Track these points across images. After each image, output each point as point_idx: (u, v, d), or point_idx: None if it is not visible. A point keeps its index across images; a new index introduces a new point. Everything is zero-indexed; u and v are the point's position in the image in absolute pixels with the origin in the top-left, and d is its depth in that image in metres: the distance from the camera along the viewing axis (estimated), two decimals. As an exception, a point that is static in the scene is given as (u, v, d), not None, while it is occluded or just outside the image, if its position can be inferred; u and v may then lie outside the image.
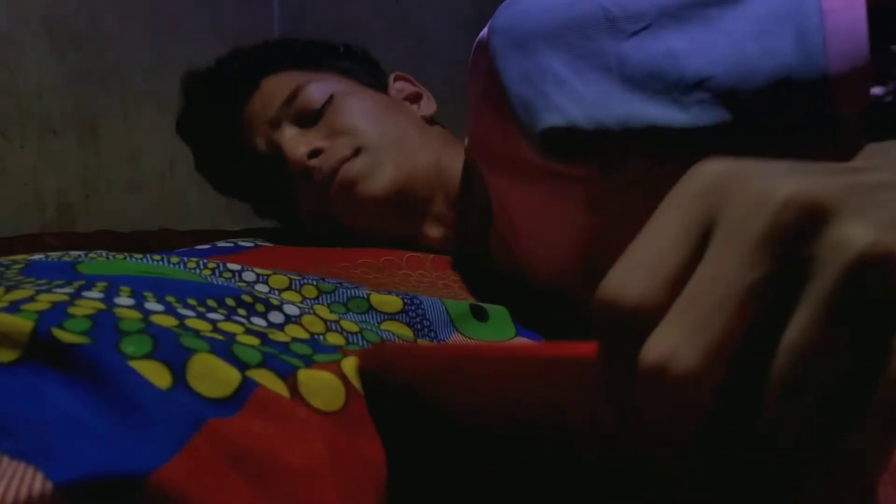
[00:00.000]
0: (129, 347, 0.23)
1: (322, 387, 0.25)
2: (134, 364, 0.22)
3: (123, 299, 0.27)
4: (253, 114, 0.70)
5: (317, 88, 0.67)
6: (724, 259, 0.18)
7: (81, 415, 0.20)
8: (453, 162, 0.65)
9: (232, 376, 0.23)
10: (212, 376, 0.23)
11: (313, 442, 0.23)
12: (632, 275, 0.18)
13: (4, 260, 0.33)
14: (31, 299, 0.25)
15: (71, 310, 0.24)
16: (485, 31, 0.49)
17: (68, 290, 0.27)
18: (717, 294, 0.17)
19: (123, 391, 0.21)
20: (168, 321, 0.26)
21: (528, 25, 0.45)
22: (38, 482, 0.17)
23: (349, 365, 0.27)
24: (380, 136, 0.65)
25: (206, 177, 0.80)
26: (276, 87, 0.69)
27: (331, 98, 0.67)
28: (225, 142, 0.73)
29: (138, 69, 1.01)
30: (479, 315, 0.48)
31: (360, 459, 0.24)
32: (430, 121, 0.73)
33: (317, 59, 0.74)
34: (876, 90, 0.22)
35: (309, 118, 0.67)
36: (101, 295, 0.27)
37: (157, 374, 0.22)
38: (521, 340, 0.46)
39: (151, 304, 0.28)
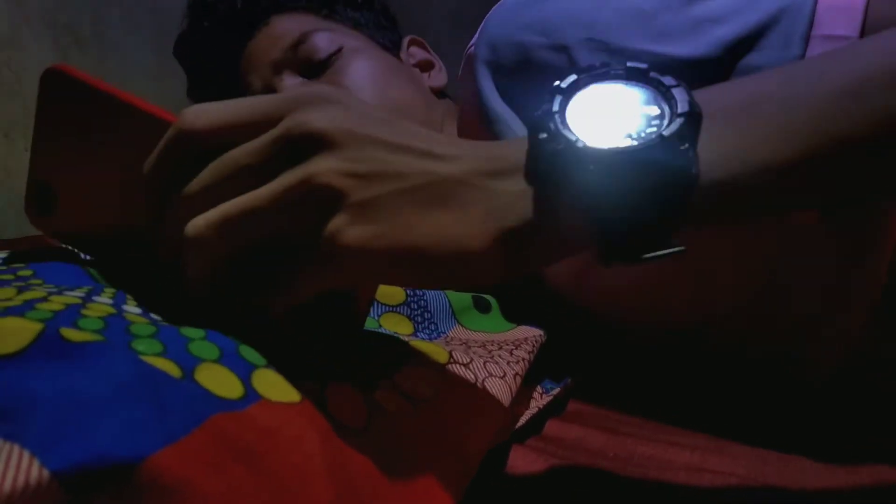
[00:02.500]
0: (140, 346, 0.24)
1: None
2: (145, 358, 0.23)
3: (131, 307, 0.28)
4: (256, 51, 0.66)
5: (326, 38, 0.64)
6: (243, 146, 0.26)
7: (83, 399, 0.20)
8: (455, 134, 0.63)
9: (236, 386, 0.24)
10: (219, 379, 0.24)
11: (311, 442, 0.23)
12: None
13: (6, 252, 0.33)
14: (45, 299, 0.25)
15: (84, 311, 0.25)
16: (472, 45, 0.51)
17: (79, 293, 0.27)
18: (228, 158, 0.26)
19: (134, 375, 0.21)
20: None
21: (505, 58, 0.47)
22: (34, 469, 0.17)
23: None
24: (380, 104, 0.61)
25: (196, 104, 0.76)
26: (285, 27, 0.66)
27: (339, 51, 0.63)
28: (222, 73, 0.69)
29: (141, 71, 1.01)
30: (482, 307, 0.48)
31: (355, 465, 0.25)
32: (440, 93, 0.70)
33: (332, 4, 0.70)
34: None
35: (312, 69, 0.64)
36: (110, 300, 0.27)
37: (168, 367, 0.23)
38: (524, 329, 0.46)
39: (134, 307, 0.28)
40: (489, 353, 0.39)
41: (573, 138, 0.24)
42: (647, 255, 0.23)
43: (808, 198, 0.26)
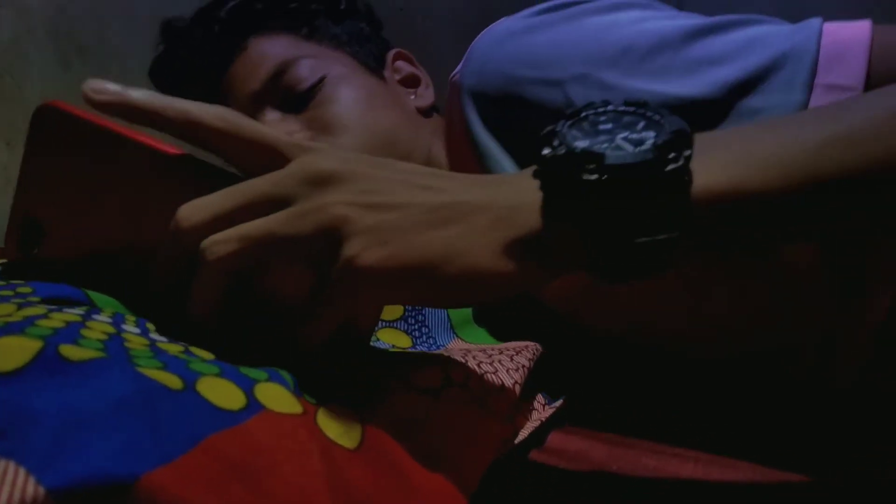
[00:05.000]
0: (140, 361, 0.24)
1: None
2: (145, 371, 0.23)
3: (130, 326, 0.28)
4: (235, 80, 0.63)
5: (307, 67, 0.61)
6: (261, 178, 0.28)
7: (80, 416, 0.20)
8: (443, 153, 0.61)
9: (239, 397, 0.24)
10: (221, 391, 0.24)
11: (312, 458, 0.23)
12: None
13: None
14: (45, 316, 0.25)
15: (84, 331, 0.25)
16: (457, 73, 0.50)
17: (79, 310, 0.27)
18: (240, 187, 0.28)
19: (132, 392, 0.21)
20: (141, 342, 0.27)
21: (492, 88, 0.47)
22: (30, 487, 0.17)
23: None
24: (365, 139, 0.59)
25: None
26: (263, 53, 0.62)
27: (321, 81, 0.61)
28: (202, 99, 0.66)
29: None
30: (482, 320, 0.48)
31: (353, 480, 0.24)
32: (427, 111, 0.67)
33: (312, 21, 0.66)
34: (545, 150, 0.27)
35: (294, 100, 0.61)
36: (110, 319, 0.27)
37: (168, 380, 0.23)
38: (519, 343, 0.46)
39: (130, 327, 0.28)
40: (489, 357, 0.39)
41: (573, 145, 0.26)
42: (639, 241, 0.25)
43: (798, 229, 0.27)
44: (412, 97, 0.68)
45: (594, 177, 0.25)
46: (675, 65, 0.42)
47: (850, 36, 0.40)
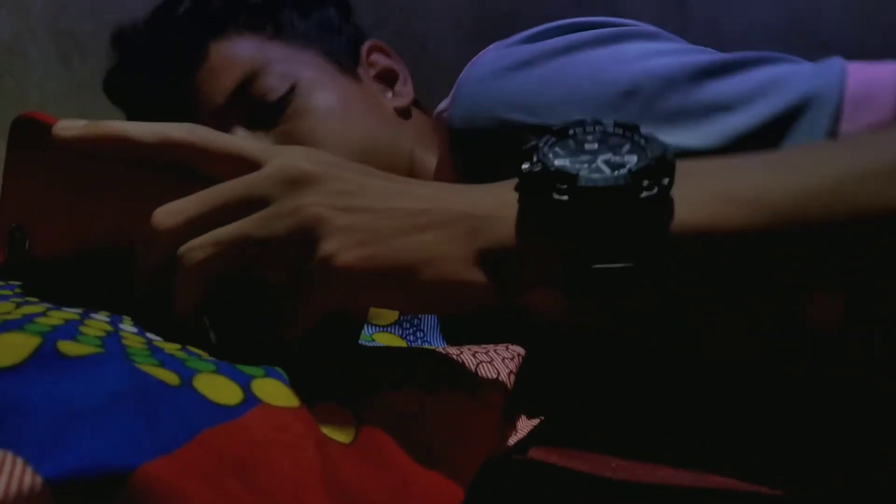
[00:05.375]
0: (138, 358, 0.24)
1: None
2: (143, 367, 0.23)
3: (127, 326, 0.28)
4: (198, 94, 0.57)
5: (276, 76, 0.56)
6: (236, 180, 0.28)
7: (78, 408, 0.20)
8: (426, 155, 0.58)
9: (236, 392, 0.24)
10: (218, 387, 0.24)
11: (307, 453, 0.23)
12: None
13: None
14: (44, 314, 0.25)
15: (82, 328, 0.25)
16: (445, 109, 0.47)
17: (77, 309, 0.27)
18: (215, 190, 0.28)
19: (129, 385, 0.21)
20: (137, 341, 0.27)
21: (481, 130, 0.43)
22: (28, 476, 0.18)
23: None
24: (343, 154, 0.53)
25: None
26: (226, 60, 0.57)
27: (292, 89, 0.55)
28: (163, 110, 0.56)
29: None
30: None
31: (347, 475, 0.25)
32: (406, 111, 0.61)
33: (277, 17, 0.60)
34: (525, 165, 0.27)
35: (264, 113, 0.55)
36: (107, 318, 0.28)
37: (165, 376, 0.23)
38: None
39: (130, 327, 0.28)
40: (484, 348, 0.39)
41: (550, 163, 0.26)
42: (598, 266, 0.25)
43: (782, 275, 0.27)
44: (389, 96, 0.63)
45: (564, 197, 0.25)
46: (683, 111, 0.38)
47: (875, 77, 0.37)
